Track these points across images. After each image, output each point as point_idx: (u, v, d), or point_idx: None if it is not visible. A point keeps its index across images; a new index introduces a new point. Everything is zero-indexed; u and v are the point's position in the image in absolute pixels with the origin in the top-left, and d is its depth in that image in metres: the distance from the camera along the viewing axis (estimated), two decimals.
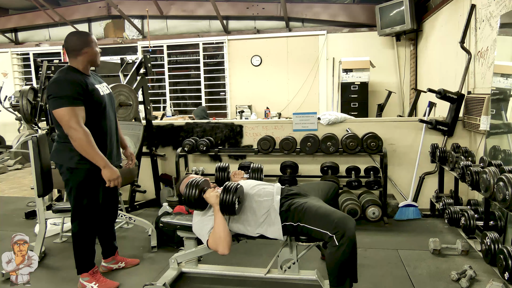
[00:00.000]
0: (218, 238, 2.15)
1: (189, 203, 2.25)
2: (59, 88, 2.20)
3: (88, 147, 2.20)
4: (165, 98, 7.82)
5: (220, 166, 2.72)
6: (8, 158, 6.89)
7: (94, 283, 2.45)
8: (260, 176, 2.69)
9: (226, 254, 2.16)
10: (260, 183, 2.45)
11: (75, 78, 2.24)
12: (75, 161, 2.29)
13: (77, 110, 2.18)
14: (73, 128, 2.16)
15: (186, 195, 2.23)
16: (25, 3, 7.69)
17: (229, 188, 2.15)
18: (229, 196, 2.12)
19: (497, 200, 2.18)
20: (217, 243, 2.15)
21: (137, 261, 2.88)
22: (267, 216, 2.21)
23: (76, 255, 2.46)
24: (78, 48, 2.30)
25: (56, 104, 2.17)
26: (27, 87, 4.03)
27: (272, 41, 7.19)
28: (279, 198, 2.27)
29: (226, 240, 2.15)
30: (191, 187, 2.23)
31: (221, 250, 2.15)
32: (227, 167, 2.74)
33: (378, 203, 3.63)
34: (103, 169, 2.29)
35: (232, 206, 2.12)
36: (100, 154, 2.26)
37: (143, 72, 4.06)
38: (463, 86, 3.83)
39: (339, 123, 4.01)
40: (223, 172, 2.71)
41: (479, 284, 2.42)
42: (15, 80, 8.45)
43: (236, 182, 2.28)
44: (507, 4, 3.05)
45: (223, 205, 2.13)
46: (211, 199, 2.22)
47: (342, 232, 1.95)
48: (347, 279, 2.03)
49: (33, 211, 3.92)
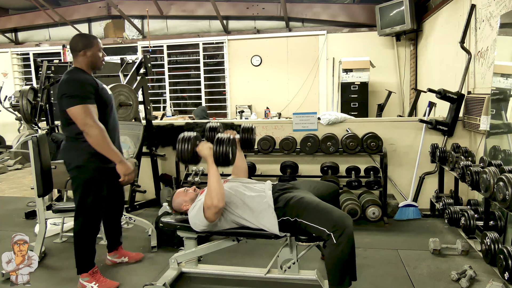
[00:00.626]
0: (213, 190, 2.09)
1: (182, 159, 2.20)
2: (72, 87, 2.25)
3: (104, 142, 2.26)
4: (165, 98, 7.83)
5: (211, 126, 2.56)
6: (8, 158, 6.89)
7: (94, 283, 2.45)
8: (252, 136, 2.57)
9: (221, 207, 2.10)
10: (250, 181, 2.44)
11: (86, 78, 2.31)
12: (84, 159, 2.33)
13: (91, 108, 2.24)
14: (89, 125, 2.21)
15: (179, 150, 2.17)
16: (25, 3, 7.69)
17: (222, 139, 2.09)
18: (223, 146, 2.06)
19: (497, 200, 2.18)
20: (212, 196, 2.08)
21: (141, 255, 2.91)
22: (261, 211, 2.18)
23: (76, 254, 2.46)
24: (78, 49, 2.34)
25: (70, 103, 2.22)
26: (27, 87, 4.03)
27: (272, 41, 7.19)
28: (271, 193, 2.24)
29: (220, 192, 2.10)
30: (184, 142, 2.18)
31: (216, 202, 2.07)
32: (218, 126, 2.58)
33: (378, 203, 3.63)
34: (118, 164, 2.33)
35: (227, 156, 2.06)
36: (115, 149, 2.32)
37: (143, 72, 4.06)
38: (463, 86, 3.83)
39: (339, 123, 4.01)
40: (214, 132, 2.55)
41: (479, 284, 2.42)
42: (15, 80, 8.46)
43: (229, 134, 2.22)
44: (507, 4, 3.05)
45: (218, 155, 2.08)
46: (204, 151, 2.18)
47: (341, 230, 1.95)
48: (347, 277, 2.02)
49: (33, 211, 3.92)
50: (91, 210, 2.42)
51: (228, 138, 2.11)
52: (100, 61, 2.44)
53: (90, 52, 2.35)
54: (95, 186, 2.40)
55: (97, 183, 2.40)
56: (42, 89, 4.11)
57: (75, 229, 2.45)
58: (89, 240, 2.47)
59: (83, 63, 2.37)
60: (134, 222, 3.16)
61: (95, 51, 2.37)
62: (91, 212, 2.43)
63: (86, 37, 2.40)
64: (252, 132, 2.59)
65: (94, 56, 2.38)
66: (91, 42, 2.36)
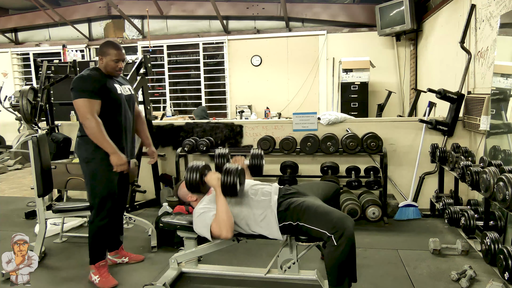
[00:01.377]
0: (221, 221, 2.12)
1: (190, 187, 2.25)
2: (81, 82, 2.45)
3: (99, 134, 2.40)
4: (165, 98, 7.82)
5: (220, 153, 2.65)
6: (8, 158, 6.89)
7: (97, 276, 2.53)
8: (261, 162, 2.61)
9: (229, 238, 2.15)
10: (258, 183, 2.45)
11: (95, 76, 2.50)
12: (89, 152, 2.48)
13: (93, 103, 2.41)
14: (87, 118, 2.38)
15: (188, 179, 2.22)
16: (25, 3, 7.69)
17: (230, 170, 2.12)
18: (231, 177, 2.10)
19: (497, 200, 2.18)
20: (220, 226, 2.12)
21: (141, 257, 2.93)
22: (264, 216, 2.20)
23: (89, 245, 2.56)
24: (98, 53, 2.59)
25: (75, 96, 2.43)
26: (27, 87, 4.03)
27: (272, 41, 7.19)
28: (277, 197, 2.26)
29: (229, 223, 2.13)
30: (192, 171, 2.22)
31: (225, 234, 2.11)
32: (227, 153, 2.67)
33: (378, 203, 3.63)
34: (111, 155, 2.45)
35: (234, 187, 2.10)
36: (109, 141, 2.43)
37: (143, 72, 4.06)
38: (463, 86, 3.83)
39: (339, 123, 4.01)
40: (223, 158, 2.63)
41: (479, 284, 2.42)
42: (15, 80, 8.46)
43: (236, 164, 2.26)
44: (507, 4, 3.05)
45: (225, 186, 2.11)
46: (212, 181, 2.22)
47: (341, 232, 1.95)
48: (346, 279, 2.03)
49: (33, 211, 3.92)
50: (103, 200, 2.51)
51: (236, 169, 2.14)
52: (112, 70, 2.56)
53: (104, 59, 2.54)
54: (102, 177, 2.50)
55: (105, 174, 2.49)
56: (42, 89, 4.11)
57: (89, 220, 2.59)
58: (100, 232, 2.54)
59: (101, 66, 2.57)
60: (134, 222, 3.16)
61: (108, 60, 2.54)
62: (103, 202, 2.51)
63: (106, 46, 2.55)
64: (261, 158, 2.64)
65: (107, 64, 2.55)
66: (107, 51, 2.53)
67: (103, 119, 2.43)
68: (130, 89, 2.74)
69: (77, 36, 8.01)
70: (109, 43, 2.58)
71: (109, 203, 2.52)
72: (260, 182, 2.47)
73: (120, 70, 2.61)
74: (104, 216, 2.52)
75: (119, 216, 2.84)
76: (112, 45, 2.56)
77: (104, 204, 2.51)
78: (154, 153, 3.01)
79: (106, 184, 2.51)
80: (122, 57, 2.57)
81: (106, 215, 2.53)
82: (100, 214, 2.51)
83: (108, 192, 2.51)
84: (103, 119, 2.44)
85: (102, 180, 2.50)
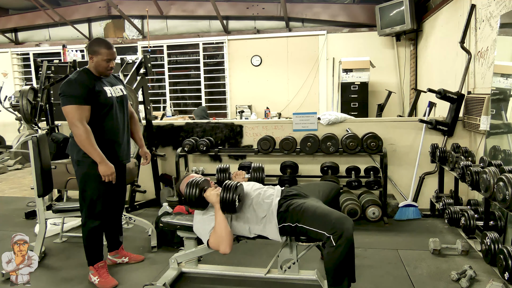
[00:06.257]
0: (219, 237, 2.16)
1: (190, 202, 2.26)
2: (69, 88, 2.37)
3: (86, 143, 2.35)
4: (165, 98, 7.82)
5: (221, 167, 2.71)
6: (8, 158, 6.89)
7: (97, 277, 2.53)
8: (262, 175, 2.68)
9: (227, 253, 2.17)
10: (261, 186, 2.47)
11: (83, 80, 2.40)
12: (81, 155, 2.44)
13: (81, 109, 2.35)
14: (75, 125, 2.33)
15: (187, 194, 2.24)
16: (25, 3, 7.69)
17: (229, 187, 2.15)
18: (229, 194, 2.13)
19: (497, 200, 2.18)
20: (218, 242, 2.16)
21: (141, 257, 2.92)
22: (266, 218, 2.22)
23: (84, 247, 2.56)
24: (88, 52, 2.48)
25: (64, 102, 2.37)
26: (27, 87, 4.03)
27: (272, 41, 7.19)
28: (278, 200, 2.27)
29: (227, 239, 2.15)
30: (192, 187, 2.24)
31: (223, 249, 2.15)
32: (228, 168, 2.73)
33: (378, 203, 3.63)
34: (99, 164, 2.41)
35: (233, 204, 2.12)
36: (97, 150, 2.38)
37: (143, 72, 4.06)
38: (463, 86, 3.83)
39: (339, 123, 4.01)
40: (224, 173, 2.70)
41: (479, 284, 2.42)
42: (15, 80, 8.46)
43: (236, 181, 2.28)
44: (507, 4, 3.05)
45: (224, 203, 2.14)
46: (211, 197, 2.23)
47: (340, 232, 1.96)
48: (345, 279, 2.03)
49: (33, 211, 3.92)
50: (92, 203, 2.49)
51: (235, 186, 2.16)
52: (103, 70, 2.48)
53: (95, 58, 2.44)
54: (93, 180, 2.46)
55: (95, 177, 2.44)
56: (42, 89, 4.11)
57: (81, 222, 2.57)
58: (93, 234, 2.53)
59: (91, 66, 2.48)
60: (134, 222, 3.16)
61: (99, 60, 2.44)
62: (92, 205, 2.49)
63: (97, 44, 2.44)
64: (262, 171, 2.70)
65: (98, 63, 2.45)
66: (98, 50, 2.43)
67: (94, 124, 2.39)
68: (122, 89, 2.64)
69: (77, 36, 8.01)
70: (100, 41, 2.47)
71: (99, 206, 2.50)
72: (262, 186, 2.49)
73: (112, 69, 2.52)
74: (94, 218, 2.51)
75: (117, 217, 2.82)
76: (103, 44, 2.45)
77: (93, 206, 2.49)
78: (147, 154, 2.90)
79: (96, 187, 2.47)
80: (114, 57, 2.48)
81: (96, 217, 2.51)
82: (90, 216, 2.50)
83: (98, 195, 2.48)
84: (94, 124, 2.39)
85: (92, 183, 2.46)
